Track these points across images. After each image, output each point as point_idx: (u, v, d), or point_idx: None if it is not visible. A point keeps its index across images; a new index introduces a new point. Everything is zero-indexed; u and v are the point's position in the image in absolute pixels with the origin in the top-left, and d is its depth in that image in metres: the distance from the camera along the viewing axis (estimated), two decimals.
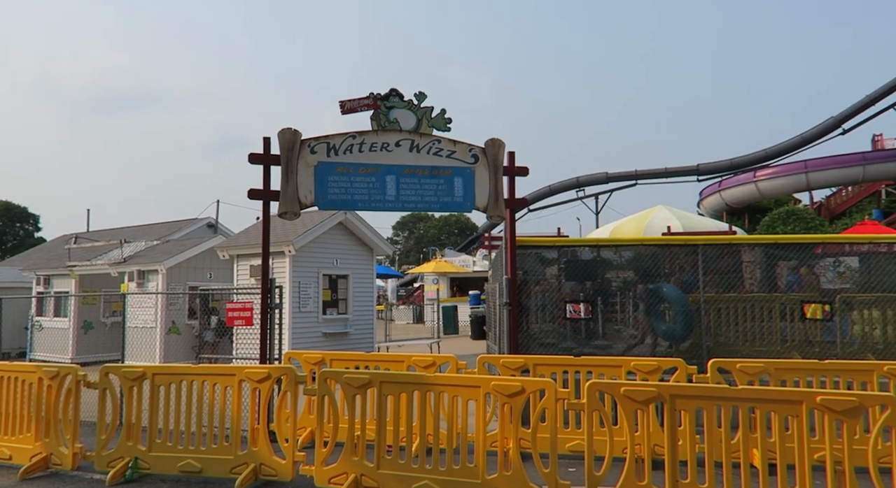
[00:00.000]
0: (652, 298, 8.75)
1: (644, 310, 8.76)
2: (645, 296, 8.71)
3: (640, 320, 8.80)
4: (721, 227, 17.27)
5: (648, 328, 8.83)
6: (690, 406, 4.43)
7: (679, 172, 39.40)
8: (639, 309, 9.22)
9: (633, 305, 11.07)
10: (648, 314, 8.73)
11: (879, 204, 31.53)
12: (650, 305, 8.71)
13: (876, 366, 5.78)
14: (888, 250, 9.85)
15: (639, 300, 9.08)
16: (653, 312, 8.76)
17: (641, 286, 10.40)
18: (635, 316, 9.64)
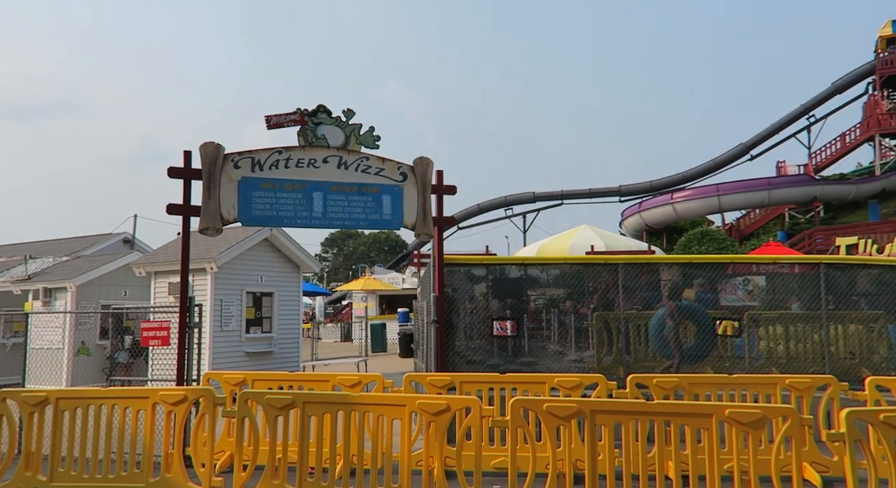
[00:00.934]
0: (682, 316, 8.83)
1: (672, 327, 8.85)
2: (675, 314, 8.81)
3: (670, 338, 8.95)
4: (641, 247, 17.92)
5: (677, 346, 8.89)
6: (609, 421, 4.56)
7: (602, 193, 40.83)
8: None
9: (558, 322, 11.33)
10: (676, 331, 8.84)
11: (784, 226, 33.66)
12: (678, 323, 8.83)
13: (779, 379, 6.13)
14: (790, 270, 10.53)
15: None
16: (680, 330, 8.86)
17: (575, 308, 10.67)
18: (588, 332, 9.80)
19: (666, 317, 8.80)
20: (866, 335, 8.91)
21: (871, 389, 5.94)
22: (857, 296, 9.25)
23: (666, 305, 8.90)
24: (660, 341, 8.89)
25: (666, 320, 8.79)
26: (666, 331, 8.78)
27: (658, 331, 8.88)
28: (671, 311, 8.76)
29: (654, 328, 8.97)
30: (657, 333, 8.88)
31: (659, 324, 8.88)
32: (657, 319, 8.91)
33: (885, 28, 34.70)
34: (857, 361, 8.69)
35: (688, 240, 26.84)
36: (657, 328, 8.90)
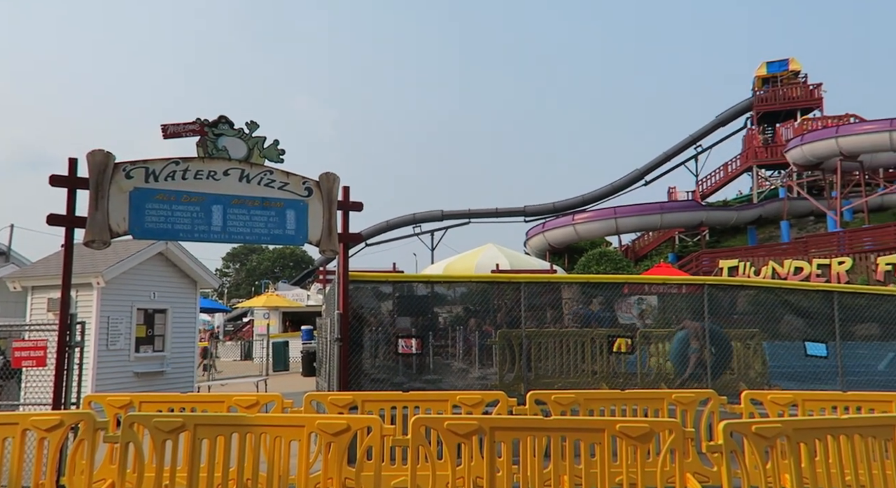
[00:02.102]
0: (708, 337, 9.10)
1: (697, 348, 9.15)
2: (700, 334, 9.08)
3: (690, 358, 9.22)
4: (544, 266, 18.43)
5: (700, 366, 9.13)
6: (508, 437, 4.64)
7: (508, 213, 41.89)
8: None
9: (463, 340, 11.46)
10: (700, 352, 9.12)
11: (674, 248, 35.84)
12: (703, 344, 9.10)
13: (666, 394, 6.47)
14: (678, 290, 11.21)
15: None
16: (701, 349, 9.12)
17: (479, 325, 10.82)
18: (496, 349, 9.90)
19: (691, 338, 9.13)
20: (744, 351, 9.60)
21: (746, 403, 6.39)
22: (737, 314, 9.95)
23: (689, 327, 9.24)
24: (681, 360, 9.25)
25: (691, 341, 9.13)
26: (690, 351, 9.12)
27: (681, 350, 9.20)
28: (696, 332, 9.10)
29: (675, 348, 9.33)
30: (680, 353, 9.21)
31: (680, 345, 9.21)
32: (679, 341, 9.26)
33: (760, 69, 38.06)
34: (736, 376, 9.33)
35: (587, 260, 27.99)
36: (680, 348, 9.24)
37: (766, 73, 37.62)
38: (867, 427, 4.51)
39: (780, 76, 37.21)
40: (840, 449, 4.52)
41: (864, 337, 9.72)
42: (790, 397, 6.40)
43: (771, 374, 9.61)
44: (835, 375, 9.03)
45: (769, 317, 9.54)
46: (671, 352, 9.37)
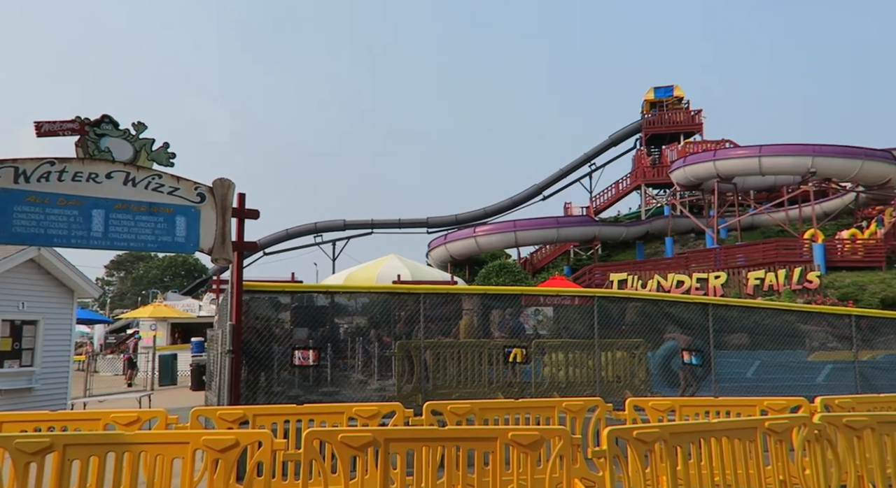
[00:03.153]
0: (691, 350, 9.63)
1: (687, 360, 9.59)
2: (691, 348, 9.59)
3: (686, 370, 9.64)
4: (445, 277, 18.64)
5: (691, 376, 9.65)
6: (403, 448, 4.63)
7: (411, 224, 42.07)
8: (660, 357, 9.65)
9: (362, 351, 11.34)
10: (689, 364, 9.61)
11: (569, 261, 37.33)
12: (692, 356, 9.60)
13: (557, 402, 6.70)
14: (571, 302, 11.67)
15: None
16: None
17: (379, 336, 10.74)
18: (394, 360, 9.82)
19: (682, 351, 9.57)
20: (629, 360, 10.12)
21: (629, 409, 6.73)
22: (626, 325, 10.49)
23: (679, 339, 9.70)
24: (663, 369, 9.71)
25: (682, 353, 9.57)
26: (675, 363, 9.61)
27: (664, 361, 9.67)
28: (687, 345, 9.56)
29: (660, 358, 9.76)
30: (663, 363, 9.66)
31: (666, 354, 9.64)
32: (665, 349, 9.67)
33: (648, 93, 40.63)
34: (622, 384, 9.81)
35: (487, 271, 28.57)
36: (664, 358, 9.69)
37: (654, 98, 40.22)
38: (734, 430, 4.86)
39: (666, 101, 39.90)
40: (711, 451, 4.85)
41: (735, 346, 10.51)
42: (669, 403, 6.81)
43: (654, 382, 10.17)
44: (709, 382, 9.69)
45: (653, 328, 10.10)
46: (654, 360, 9.85)
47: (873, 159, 27.57)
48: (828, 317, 10.59)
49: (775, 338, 10.26)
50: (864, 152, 27.66)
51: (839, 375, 9.87)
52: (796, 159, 27.78)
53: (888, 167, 27.94)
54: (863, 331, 10.22)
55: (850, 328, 9.88)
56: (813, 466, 4.95)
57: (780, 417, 5.15)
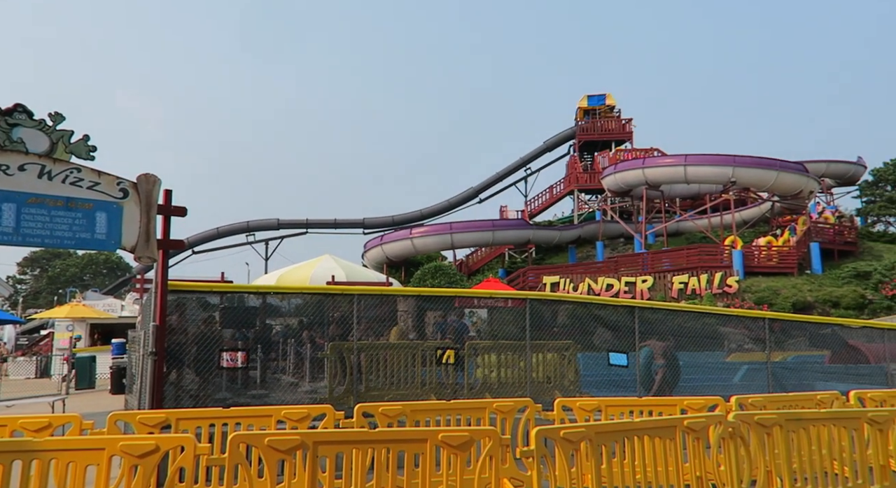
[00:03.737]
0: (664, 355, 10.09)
1: (662, 364, 10.03)
2: (665, 352, 10.07)
3: (657, 372, 10.01)
4: (380, 279, 18.57)
5: (668, 379, 9.99)
6: (332, 451, 4.58)
7: (347, 224, 41.66)
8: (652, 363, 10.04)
9: (294, 352, 11.14)
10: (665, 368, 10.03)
11: (504, 264, 37.83)
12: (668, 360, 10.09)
13: (488, 403, 6.78)
14: (504, 304, 11.84)
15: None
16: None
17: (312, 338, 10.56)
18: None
19: (657, 356, 10.08)
20: (559, 362, 10.35)
21: (558, 410, 6.88)
22: (557, 327, 10.71)
23: (655, 346, 10.15)
24: (645, 372, 10.15)
25: (657, 358, 10.07)
26: (654, 366, 10.09)
27: (645, 365, 10.16)
28: (664, 351, 10.07)
29: (644, 365, 10.15)
30: (644, 366, 10.14)
31: (646, 361, 10.16)
32: (644, 356, 10.16)
33: (582, 101, 41.75)
34: (552, 385, 10.02)
35: (423, 273, 28.60)
36: (645, 362, 10.16)
37: (587, 106, 41.36)
38: (655, 428, 5.05)
39: (599, 109, 41.09)
40: (634, 450, 5.02)
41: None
42: (595, 403, 7.01)
43: (582, 383, 10.43)
44: (634, 382, 10.03)
45: (583, 330, 10.36)
46: (638, 367, 10.28)
47: (787, 171, 29.24)
48: (744, 320, 11.14)
49: (697, 340, 10.72)
50: (780, 164, 29.30)
51: (753, 375, 10.40)
52: (718, 169, 29.13)
53: (800, 179, 29.69)
54: (775, 334, 10.79)
55: (763, 330, 10.42)
56: (727, 462, 5.20)
57: (697, 416, 5.39)
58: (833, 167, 38.60)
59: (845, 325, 11.52)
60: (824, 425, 5.38)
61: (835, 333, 11.35)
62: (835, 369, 11.13)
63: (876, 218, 38.95)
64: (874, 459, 5.38)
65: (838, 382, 10.49)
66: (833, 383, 10.40)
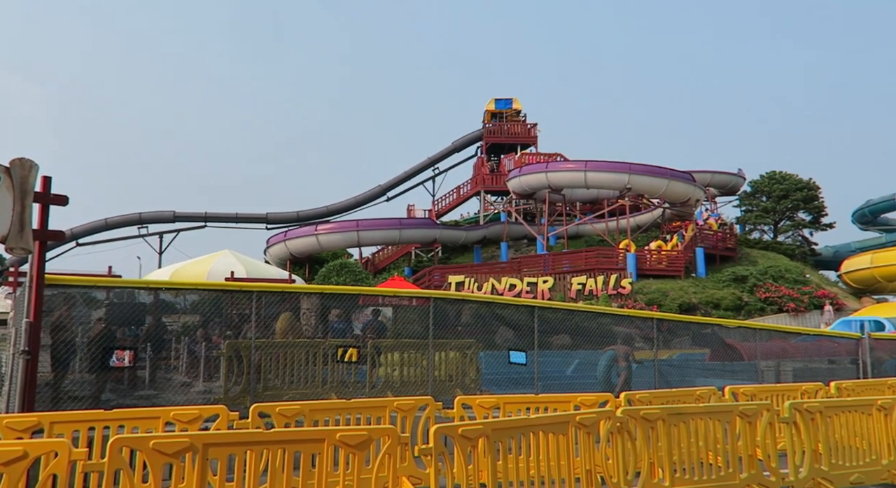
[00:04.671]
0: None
1: (625, 367, 10.65)
2: (629, 356, 10.78)
3: (621, 375, 10.58)
4: (283, 275, 18.11)
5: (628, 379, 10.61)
6: (224, 453, 4.41)
7: (249, 219, 40.31)
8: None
9: (188, 351, 10.63)
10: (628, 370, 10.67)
11: (410, 262, 37.92)
12: (629, 363, 10.78)
13: (389, 402, 6.77)
14: (409, 302, 11.86)
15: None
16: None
17: (207, 336, 10.12)
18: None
19: (619, 358, 10.72)
20: (462, 360, 10.49)
21: (458, 407, 6.97)
22: (461, 326, 10.84)
23: (619, 349, 10.77)
24: (606, 375, 10.75)
25: (619, 360, 10.70)
26: (617, 369, 10.71)
27: (607, 367, 10.79)
28: (626, 354, 10.70)
29: (603, 365, 10.78)
30: (606, 367, 10.77)
31: (608, 363, 10.82)
32: (608, 359, 10.80)
33: (490, 104, 42.59)
34: (454, 383, 10.14)
35: (328, 271, 28.13)
36: (607, 365, 10.78)
37: (495, 109, 42.22)
38: (549, 424, 5.23)
39: (506, 113, 42.06)
40: (530, 445, 5.17)
41: (558, 346, 11.29)
42: (494, 401, 7.16)
43: (484, 381, 10.62)
44: (533, 380, 10.33)
45: (486, 329, 10.55)
46: (599, 369, 10.89)
47: (677, 180, 31.14)
48: (635, 320, 11.75)
49: (592, 339, 11.18)
50: (670, 173, 31.16)
51: (642, 372, 10.99)
52: (616, 176, 30.58)
53: (688, 187, 31.71)
54: (663, 333, 11.45)
55: (652, 330, 11.03)
56: (615, 455, 5.46)
57: (588, 412, 5.63)
58: (717, 177, 41.48)
59: (723, 325, 12.41)
60: (701, 419, 5.77)
61: (714, 333, 12.20)
62: (713, 366, 11.96)
63: (753, 226, 42.22)
64: (743, 449, 5.82)
65: (716, 378, 11.27)
66: (712, 379, 11.16)
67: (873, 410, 6.51)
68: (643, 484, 5.38)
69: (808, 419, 6.10)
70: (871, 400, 6.71)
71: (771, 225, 41.61)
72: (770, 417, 5.98)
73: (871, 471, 6.35)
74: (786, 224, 41.44)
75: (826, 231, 41.74)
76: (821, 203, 40.82)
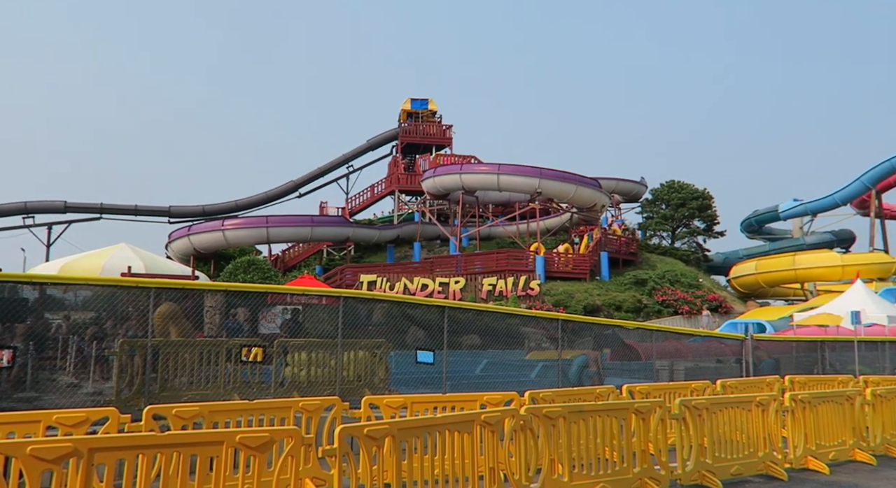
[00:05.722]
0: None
1: (596, 371, 11.31)
2: (597, 360, 11.60)
3: (593, 379, 11.24)
4: (185, 271, 17.39)
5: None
6: (112, 458, 4.16)
7: (150, 212, 38.32)
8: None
9: (77, 350, 9.96)
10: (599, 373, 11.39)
11: (322, 261, 37.28)
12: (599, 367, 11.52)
13: (294, 402, 6.62)
14: (318, 301, 11.66)
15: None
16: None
17: (98, 334, 9.51)
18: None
19: (590, 362, 11.28)
20: (371, 360, 10.42)
21: (365, 407, 6.92)
22: (372, 325, 10.77)
23: (590, 354, 11.40)
24: (578, 377, 11.18)
25: (590, 364, 11.28)
26: (588, 372, 11.28)
27: (579, 370, 11.32)
28: (595, 358, 11.31)
29: (574, 370, 11.31)
30: (578, 371, 11.31)
31: (580, 366, 11.35)
32: (578, 364, 11.31)
33: (405, 103, 42.62)
34: (362, 383, 10.06)
35: (234, 267, 27.18)
36: (579, 368, 11.32)
37: (411, 108, 42.28)
38: (455, 423, 5.28)
39: (422, 113, 42.21)
40: (436, 444, 5.20)
41: (468, 346, 11.44)
42: (402, 400, 7.16)
43: (393, 380, 10.60)
44: (441, 380, 10.41)
45: (396, 329, 10.53)
46: (571, 372, 11.29)
47: (584, 185, 32.35)
48: (542, 321, 12.09)
49: (501, 339, 11.40)
50: (578, 179, 32.33)
51: (547, 372, 11.32)
52: (527, 179, 31.38)
53: (595, 193, 33.02)
54: (568, 334, 11.85)
55: (557, 331, 11.38)
56: (518, 453, 5.60)
57: (493, 411, 5.73)
58: (621, 185, 43.42)
59: (623, 326, 13.00)
60: (600, 416, 6.01)
61: (615, 333, 12.76)
62: (613, 365, 12.51)
63: (653, 232, 44.53)
64: (637, 445, 6.12)
65: (616, 377, 11.79)
66: (612, 378, 11.67)
67: (752, 406, 7.02)
68: (543, 480, 5.55)
69: (696, 415, 6.50)
70: (750, 396, 7.22)
71: (669, 231, 44.01)
72: (662, 414, 6.32)
73: (748, 463, 6.84)
74: (682, 231, 43.97)
75: (718, 238, 44.69)
76: (714, 212, 43.61)
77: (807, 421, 7.45)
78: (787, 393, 7.69)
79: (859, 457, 7.85)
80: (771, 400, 7.20)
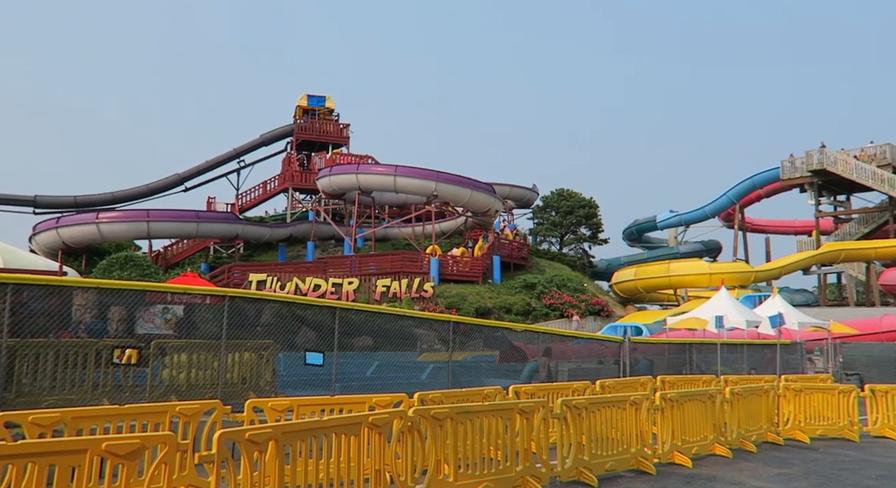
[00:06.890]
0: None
1: (546, 376, 12.16)
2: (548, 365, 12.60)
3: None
4: (51, 267, 16.05)
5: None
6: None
7: (12, 201, 34.99)
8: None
9: None
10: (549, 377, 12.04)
11: (208, 258, 35.58)
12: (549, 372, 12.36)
13: (170, 407, 6.26)
14: (202, 301, 11.10)
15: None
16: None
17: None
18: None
19: (541, 367, 11.95)
20: (257, 362, 10.05)
21: (248, 411, 6.66)
22: (261, 326, 10.38)
23: (541, 360, 12.06)
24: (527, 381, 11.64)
25: (542, 370, 11.94)
26: (539, 376, 11.89)
27: (529, 375, 11.97)
28: (545, 364, 11.98)
29: (525, 374, 11.92)
30: (528, 376, 11.88)
31: (532, 371, 11.98)
32: (530, 369, 11.87)
33: (302, 99, 41.62)
34: (247, 385, 9.69)
35: (109, 263, 25.37)
36: (530, 373, 12.00)
37: (307, 105, 41.31)
38: (342, 426, 5.20)
39: (319, 110, 41.37)
40: (323, 447, 5.09)
41: (359, 347, 11.31)
42: (287, 403, 6.96)
43: (281, 383, 10.28)
44: (331, 381, 10.22)
45: (286, 330, 10.22)
46: (522, 376, 11.72)
47: (479, 190, 33.03)
48: (434, 323, 12.20)
49: (393, 341, 11.37)
50: (474, 184, 32.95)
51: (438, 373, 11.42)
52: (423, 182, 31.59)
53: (489, 198, 33.79)
54: (459, 335, 12.02)
55: (449, 332, 11.52)
56: (405, 454, 5.60)
57: (381, 413, 5.70)
58: (514, 191, 44.70)
59: (512, 329, 13.38)
60: (486, 416, 6.14)
61: (504, 336, 13.10)
62: (501, 367, 12.83)
63: (543, 238, 46.21)
64: (521, 444, 6.30)
65: (504, 378, 12.10)
66: (500, 379, 11.96)
67: (627, 405, 7.44)
68: (429, 481, 5.58)
69: (576, 414, 6.79)
70: (625, 396, 7.65)
71: (558, 237, 45.83)
72: (545, 413, 6.55)
73: (622, 459, 7.24)
74: (570, 237, 45.93)
75: (602, 245, 47.05)
76: (599, 220, 45.89)
77: (674, 419, 8.00)
78: (658, 393, 8.22)
79: (718, 451, 8.53)
80: (643, 400, 7.66)
